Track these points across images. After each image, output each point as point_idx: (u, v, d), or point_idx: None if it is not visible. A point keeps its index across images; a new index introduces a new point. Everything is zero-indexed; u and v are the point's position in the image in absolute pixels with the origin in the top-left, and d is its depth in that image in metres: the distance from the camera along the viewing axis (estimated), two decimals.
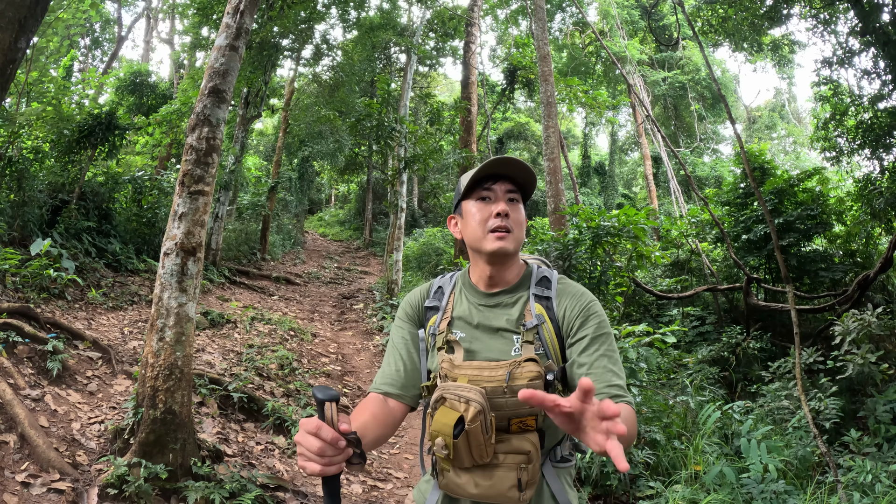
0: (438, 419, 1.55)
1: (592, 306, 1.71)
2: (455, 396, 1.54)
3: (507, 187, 1.74)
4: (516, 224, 1.72)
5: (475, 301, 1.80)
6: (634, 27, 31.39)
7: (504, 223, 1.69)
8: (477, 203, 1.75)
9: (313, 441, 1.27)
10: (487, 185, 1.74)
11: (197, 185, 4.64)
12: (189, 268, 4.51)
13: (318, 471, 1.28)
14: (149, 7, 29.29)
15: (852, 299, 8.18)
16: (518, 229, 1.73)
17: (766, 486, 4.24)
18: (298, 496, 4.71)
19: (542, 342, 1.67)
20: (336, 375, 8.59)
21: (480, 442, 1.51)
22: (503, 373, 1.57)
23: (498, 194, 1.73)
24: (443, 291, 1.89)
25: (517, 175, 1.74)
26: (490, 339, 1.72)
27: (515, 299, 1.76)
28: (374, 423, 1.65)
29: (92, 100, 12.18)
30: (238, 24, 5.26)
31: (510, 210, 1.72)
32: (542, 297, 1.74)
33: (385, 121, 15.44)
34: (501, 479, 1.56)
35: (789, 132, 44.05)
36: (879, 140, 9.87)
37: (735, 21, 12.23)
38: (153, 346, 4.34)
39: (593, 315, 1.69)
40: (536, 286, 1.77)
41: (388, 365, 1.83)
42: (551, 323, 1.70)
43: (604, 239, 9.34)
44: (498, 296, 1.78)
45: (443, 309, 1.83)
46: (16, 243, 8.51)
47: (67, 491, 3.86)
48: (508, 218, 1.70)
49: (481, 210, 1.73)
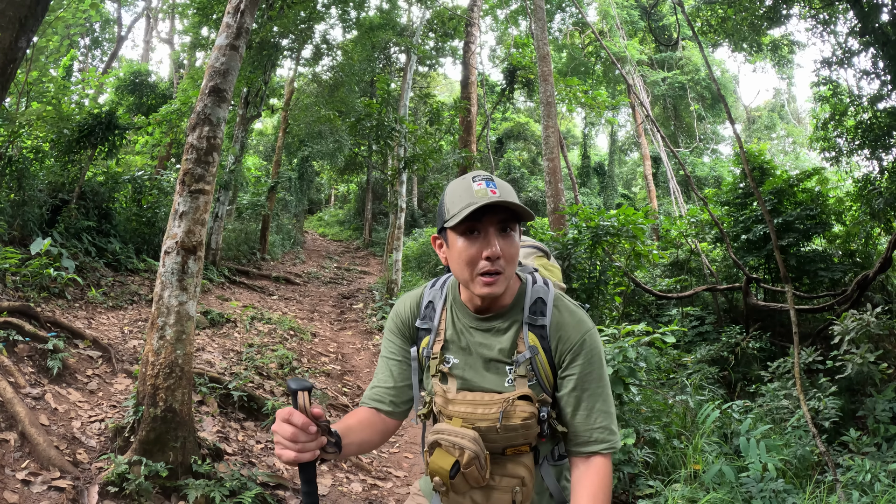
0: (435, 461, 1.58)
1: (587, 340, 1.61)
2: (450, 443, 1.56)
3: (499, 217, 1.53)
4: (508, 261, 1.54)
5: (466, 323, 1.71)
6: (634, 27, 31.42)
7: (494, 267, 1.51)
8: (463, 239, 1.54)
9: (286, 427, 1.31)
10: (477, 216, 1.51)
11: (197, 183, 4.65)
12: (190, 266, 4.51)
13: (292, 458, 1.32)
14: (148, 7, 29.30)
15: (851, 299, 8.19)
16: (510, 266, 1.55)
17: (765, 485, 4.24)
18: (298, 494, 4.71)
19: (535, 373, 1.62)
20: (335, 375, 8.59)
21: (476, 476, 1.56)
22: (496, 411, 1.56)
23: (489, 232, 1.52)
24: (434, 308, 1.78)
25: (513, 206, 1.52)
26: (483, 367, 1.66)
27: (508, 324, 1.66)
28: (359, 426, 1.66)
29: (92, 99, 12.17)
30: (238, 23, 5.27)
31: (502, 245, 1.52)
32: (535, 326, 1.64)
33: (385, 121, 15.43)
34: (497, 499, 1.62)
35: (789, 132, 44.05)
36: (879, 140, 9.88)
37: (734, 21, 12.24)
38: (154, 345, 4.34)
39: (587, 349, 1.61)
40: (530, 314, 1.65)
41: (380, 380, 1.80)
42: (545, 353, 1.62)
43: (603, 239, 9.36)
44: (490, 320, 1.67)
45: (435, 330, 1.74)
46: (16, 242, 8.51)
47: (68, 489, 3.87)
48: (500, 260, 1.52)
49: (468, 248, 1.53)
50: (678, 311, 11.40)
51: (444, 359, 1.70)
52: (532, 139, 34.03)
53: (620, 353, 5.40)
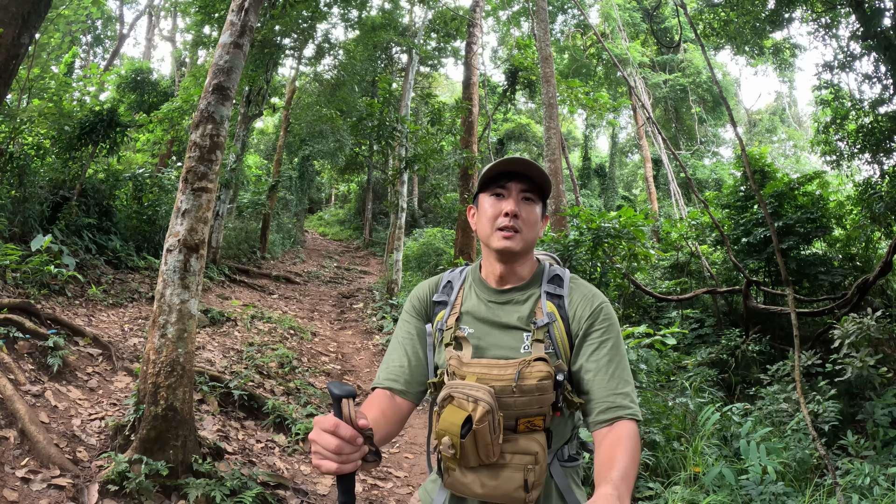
0: (446, 418, 1.53)
1: (604, 308, 1.68)
2: (463, 395, 1.52)
3: (522, 186, 1.72)
4: (527, 224, 1.70)
5: (485, 297, 1.77)
6: (636, 29, 31.41)
7: (512, 223, 1.67)
8: (491, 198, 1.73)
9: (330, 439, 1.23)
10: (503, 182, 1.72)
11: (200, 181, 4.65)
12: (192, 264, 4.51)
13: (333, 469, 1.25)
14: (151, 5, 29.30)
15: (851, 303, 8.18)
16: (528, 230, 1.70)
17: (765, 488, 4.24)
18: (299, 494, 4.71)
19: (552, 341, 1.65)
20: (336, 374, 8.60)
21: (488, 442, 1.49)
22: (512, 371, 1.55)
23: (512, 192, 1.71)
24: (452, 286, 1.85)
25: (534, 174, 1.71)
26: (499, 335, 1.69)
27: (527, 296, 1.74)
28: (383, 419, 1.62)
29: (93, 97, 12.17)
30: (243, 21, 5.27)
31: (522, 209, 1.70)
32: (553, 296, 1.72)
33: (386, 120, 15.42)
34: (508, 479, 1.54)
35: (790, 136, 44.05)
36: (880, 144, 9.87)
37: (736, 24, 12.24)
38: (155, 343, 4.34)
39: (604, 318, 1.66)
40: (549, 284, 1.75)
41: (393, 360, 1.79)
42: (562, 322, 1.67)
43: (604, 240, 9.36)
44: (509, 292, 1.75)
45: (451, 304, 1.79)
46: (16, 239, 8.51)
47: (68, 487, 3.86)
48: (518, 218, 1.68)
49: (493, 206, 1.72)
50: (678, 314, 11.38)
51: (460, 327, 1.73)
52: (533, 140, 34.01)
53: None
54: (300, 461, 5.40)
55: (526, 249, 1.72)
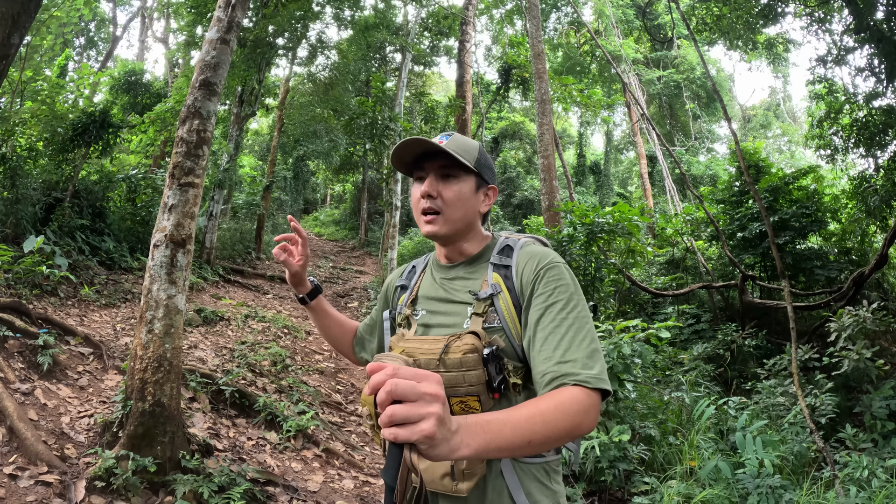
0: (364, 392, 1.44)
1: (550, 269, 1.51)
2: None
3: (439, 164, 1.62)
4: (448, 203, 1.60)
5: (437, 275, 1.73)
6: (629, 26, 31.44)
7: (430, 205, 1.60)
8: (415, 184, 1.68)
9: None
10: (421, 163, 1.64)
11: (187, 176, 4.61)
12: (178, 259, 4.47)
13: None
14: (143, 6, 29.23)
15: (847, 296, 8.17)
16: (450, 208, 1.60)
17: (761, 481, 4.21)
18: (289, 490, 4.67)
19: (497, 315, 1.52)
20: (329, 372, 8.55)
21: None
22: (440, 346, 1.46)
23: (429, 174, 1.63)
24: (415, 270, 1.85)
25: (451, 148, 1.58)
26: (446, 312, 1.62)
27: (474, 270, 1.66)
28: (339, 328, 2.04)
29: (86, 98, 12.12)
30: (229, 17, 5.23)
31: (441, 188, 1.61)
32: (500, 266, 1.60)
33: (380, 119, 15.41)
34: (433, 465, 1.41)
35: (784, 131, 44.14)
36: (874, 138, 9.86)
37: (729, 19, 12.22)
38: (142, 338, 4.30)
39: (549, 280, 1.49)
40: (497, 255, 1.64)
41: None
42: (508, 293, 1.54)
43: (598, 236, 9.33)
44: (456, 268, 1.70)
45: (411, 288, 1.78)
46: (9, 240, 8.45)
47: (55, 483, 3.82)
48: (436, 199, 1.60)
49: (415, 190, 1.67)
50: (674, 309, 11.36)
51: (414, 310, 1.71)
52: (527, 138, 34.03)
53: (616, 350, 5.37)
54: (291, 458, 5.35)
55: (457, 229, 1.64)
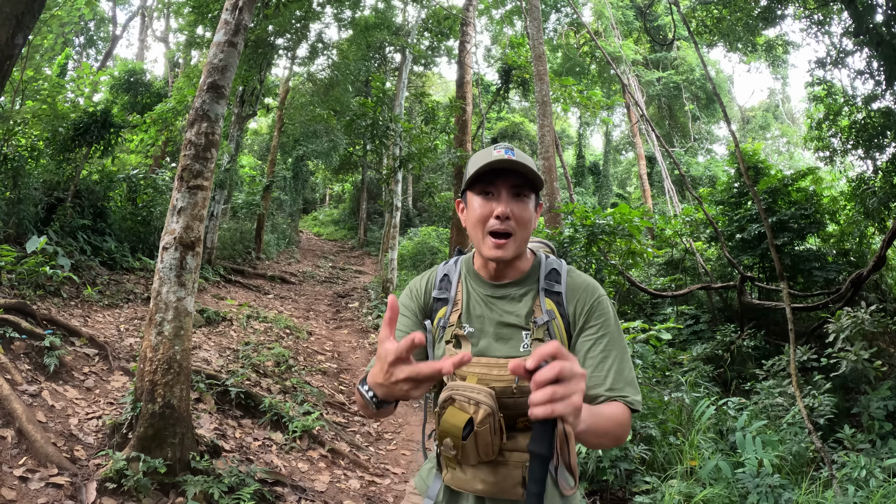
0: (447, 419, 1.51)
1: (601, 303, 1.64)
2: (464, 398, 1.50)
3: (512, 182, 1.61)
4: (520, 224, 1.60)
5: (481, 292, 1.71)
6: (629, 27, 31.48)
7: (503, 227, 1.58)
8: (479, 198, 1.63)
9: None
10: (492, 178, 1.61)
11: (196, 179, 4.65)
12: (188, 262, 4.51)
13: None
14: (143, 6, 29.23)
15: (846, 297, 8.21)
16: (522, 230, 1.61)
17: (761, 481, 4.27)
18: (297, 490, 4.72)
19: (552, 338, 1.60)
20: (332, 373, 8.60)
21: (488, 442, 1.48)
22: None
23: (501, 192, 1.61)
24: (449, 280, 1.78)
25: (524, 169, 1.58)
26: (498, 334, 1.65)
27: (524, 292, 1.68)
28: None
29: (87, 98, 12.14)
30: (237, 20, 5.27)
31: (515, 208, 1.59)
32: (552, 293, 1.66)
33: (380, 120, 15.44)
34: (506, 476, 1.54)
35: (783, 132, 44.22)
36: (872, 140, 9.90)
37: (729, 21, 12.27)
38: (152, 341, 4.34)
39: (599, 313, 1.62)
40: (546, 280, 1.68)
41: None
42: (561, 319, 1.63)
43: (599, 237, 9.37)
44: (505, 287, 1.70)
45: (452, 300, 1.73)
46: (11, 241, 8.48)
47: (66, 485, 3.86)
48: (510, 220, 1.59)
49: (482, 206, 1.61)
50: (673, 310, 11.40)
51: (461, 325, 1.68)
52: (527, 139, 34.03)
53: None
54: (297, 458, 5.40)
55: (522, 251, 1.66)
